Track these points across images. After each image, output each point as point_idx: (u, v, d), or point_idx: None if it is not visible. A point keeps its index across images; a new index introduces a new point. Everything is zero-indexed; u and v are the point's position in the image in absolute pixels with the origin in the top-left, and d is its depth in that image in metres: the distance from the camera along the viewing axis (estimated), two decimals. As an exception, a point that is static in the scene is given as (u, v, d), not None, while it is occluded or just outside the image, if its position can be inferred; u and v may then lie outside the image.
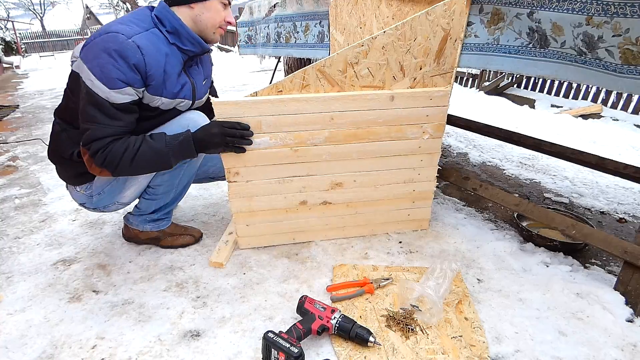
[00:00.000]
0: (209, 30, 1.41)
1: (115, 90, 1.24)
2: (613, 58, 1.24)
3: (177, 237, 1.72)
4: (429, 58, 1.50)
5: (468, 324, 1.31)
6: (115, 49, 1.21)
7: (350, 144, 1.56)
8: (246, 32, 3.53)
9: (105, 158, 1.28)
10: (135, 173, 1.41)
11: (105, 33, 1.24)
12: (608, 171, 2.10)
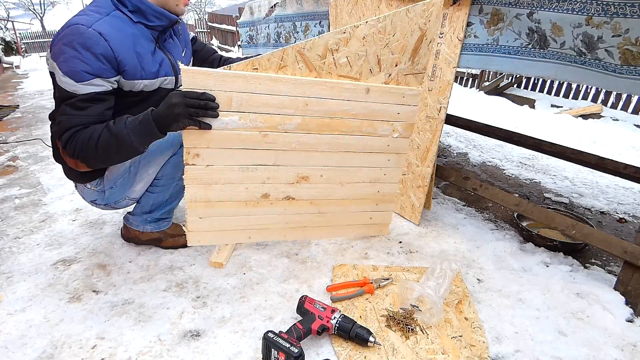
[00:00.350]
0: (171, 2, 1.36)
1: (82, 83, 1.20)
2: (613, 58, 1.24)
3: (179, 238, 1.69)
4: (404, 56, 1.48)
5: (468, 324, 1.31)
6: (78, 41, 1.17)
7: (321, 134, 1.51)
8: (247, 32, 3.53)
9: (74, 149, 1.24)
10: (108, 161, 1.33)
11: (67, 27, 1.20)
12: (608, 171, 2.10)
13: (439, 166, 1.98)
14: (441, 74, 1.75)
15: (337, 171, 1.61)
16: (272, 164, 1.50)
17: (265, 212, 1.59)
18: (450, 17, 1.66)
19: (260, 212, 1.58)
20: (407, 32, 1.45)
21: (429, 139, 1.85)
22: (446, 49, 1.71)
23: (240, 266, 1.61)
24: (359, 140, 1.57)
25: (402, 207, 2.01)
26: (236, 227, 1.59)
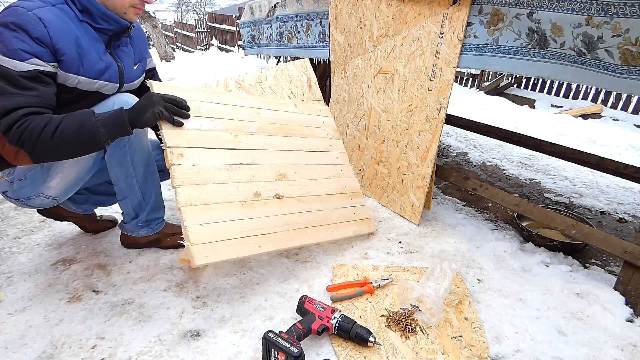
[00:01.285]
0: (119, 10, 1.29)
1: (21, 61, 1.13)
2: (613, 58, 1.24)
3: (178, 236, 1.66)
4: (304, 89, 2.01)
5: (468, 324, 1.31)
6: (12, 21, 1.11)
7: (279, 136, 1.73)
8: (249, 33, 3.53)
9: (21, 134, 1.11)
10: (59, 154, 1.20)
11: (6, 8, 1.15)
12: (608, 171, 2.10)
13: (439, 166, 1.98)
14: (441, 74, 1.75)
15: (305, 168, 1.77)
16: (251, 162, 1.59)
17: (263, 214, 1.54)
18: (450, 17, 1.66)
19: (259, 213, 1.53)
20: (299, 75, 2.03)
21: (429, 139, 1.85)
22: (446, 49, 1.71)
23: (241, 266, 1.61)
24: (308, 141, 1.84)
25: (402, 207, 2.02)
26: (242, 234, 1.43)
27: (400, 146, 2.00)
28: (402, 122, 1.98)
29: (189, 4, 25.81)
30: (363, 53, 2.17)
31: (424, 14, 1.78)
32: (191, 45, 14.53)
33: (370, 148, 2.20)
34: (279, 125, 1.75)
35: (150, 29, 9.57)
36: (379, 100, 2.11)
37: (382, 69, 2.06)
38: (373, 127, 2.17)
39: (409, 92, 1.92)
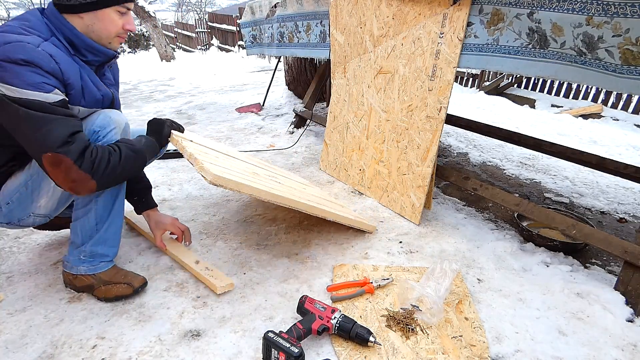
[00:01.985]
0: (104, 40, 1.28)
1: (48, 92, 1.11)
2: (613, 58, 1.24)
3: (113, 286, 1.41)
4: None
5: (468, 324, 1.31)
6: (23, 58, 1.07)
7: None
8: (250, 32, 3.53)
9: (94, 160, 1.15)
10: (118, 180, 1.29)
11: (4, 44, 1.07)
12: (608, 171, 2.10)
13: (439, 166, 1.98)
14: (441, 74, 1.75)
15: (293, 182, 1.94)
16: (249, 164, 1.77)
17: (265, 182, 1.56)
18: (450, 17, 1.66)
19: (261, 180, 1.58)
20: None
21: (429, 139, 1.85)
22: (446, 49, 1.71)
23: (241, 266, 1.61)
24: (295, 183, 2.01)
25: (402, 207, 2.02)
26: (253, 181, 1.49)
27: (400, 146, 2.00)
28: (402, 122, 1.98)
29: (189, 3, 25.80)
30: (363, 53, 2.17)
31: (424, 13, 1.78)
32: (191, 45, 14.53)
33: (370, 148, 2.20)
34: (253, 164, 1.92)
35: (150, 29, 9.57)
36: (379, 100, 2.11)
37: (382, 69, 2.06)
38: (373, 127, 2.17)
39: (409, 92, 1.92)
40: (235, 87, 5.83)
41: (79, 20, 1.22)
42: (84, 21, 1.22)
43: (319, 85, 3.33)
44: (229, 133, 3.44)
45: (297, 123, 3.42)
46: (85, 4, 1.19)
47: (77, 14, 1.21)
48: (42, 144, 1.10)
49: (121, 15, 1.27)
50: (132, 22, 1.32)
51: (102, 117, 1.30)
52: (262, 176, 1.68)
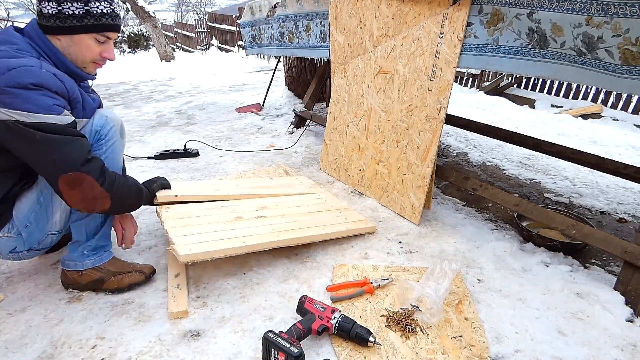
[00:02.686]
0: (79, 63, 1.27)
1: (61, 114, 1.14)
2: (613, 58, 1.24)
3: (125, 276, 1.45)
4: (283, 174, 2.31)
5: (468, 324, 1.31)
6: (32, 82, 1.08)
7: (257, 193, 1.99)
8: (250, 33, 3.53)
9: (114, 180, 1.24)
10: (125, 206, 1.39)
11: (8, 70, 1.07)
12: (608, 171, 2.10)
13: (439, 166, 1.98)
14: (441, 74, 1.75)
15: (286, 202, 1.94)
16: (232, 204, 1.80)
17: (246, 226, 1.64)
18: (450, 17, 1.66)
19: (241, 226, 1.64)
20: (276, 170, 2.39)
21: (429, 139, 1.85)
22: (446, 49, 1.71)
23: (240, 266, 1.61)
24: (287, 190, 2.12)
25: (402, 207, 2.02)
26: (226, 237, 1.52)
27: (400, 146, 2.00)
28: (402, 122, 1.98)
29: (189, 4, 25.80)
30: (363, 53, 2.17)
31: (424, 14, 1.78)
32: (191, 45, 14.53)
33: (370, 148, 2.20)
34: (256, 188, 2.06)
35: (150, 29, 9.57)
36: (379, 100, 2.11)
37: (382, 69, 2.06)
38: (373, 127, 2.17)
39: (409, 92, 1.92)
40: (235, 87, 5.83)
41: (57, 42, 1.22)
42: (62, 43, 1.23)
43: (319, 85, 3.33)
44: (229, 133, 3.44)
45: (297, 123, 3.42)
46: (62, 27, 1.19)
47: (55, 35, 1.21)
48: (61, 164, 1.13)
49: (99, 44, 1.26)
50: (112, 51, 1.31)
51: (98, 117, 1.35)
52: (245, 218, 1.70)
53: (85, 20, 1.20)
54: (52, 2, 1.17)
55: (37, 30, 1.21)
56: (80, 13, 1.19)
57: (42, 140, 1.10)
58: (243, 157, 2.86)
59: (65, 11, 1.17)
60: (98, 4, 1.20)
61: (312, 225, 1.74)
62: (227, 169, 2.63)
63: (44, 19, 1.19)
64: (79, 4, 1.18)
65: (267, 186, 2.11)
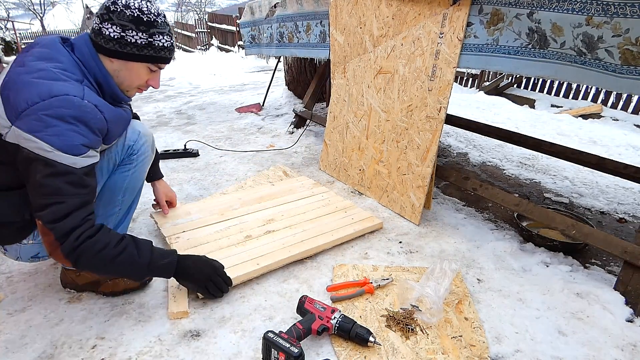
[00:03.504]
0: (123, 87, 1.25)
1: (80, 156, 1.07)
2: (613, 58, 1.24)
3: (120, 280, 1.43)
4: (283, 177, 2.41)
5: (468, 324, 1.31)
6: (71, 114, 1.04)
7: (261, 203, 2.03)
8: (250, 33, 3.53)
9: (80, 253, 1.07)
10: (107, 273, 1.28)
11: (52, 96, 1.03)
12: (608, 171, 2.10)
13: (439, 166, 1.98)
14: (441, 74, 1.75)
15: (291, 210, 1.96)
16: (239, 223, 1.83)
17: (256, 245, 1.66)
18: (450, 17, 1.66)
19: (252, 246, 1.66)
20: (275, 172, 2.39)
21: (429, 139, 1.85)
22: (446, 49, 1.71)
23: (240, 266, 1.61)
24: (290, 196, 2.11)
25: (402, 207, 2.02)
26: (238, 261, 1.54)
27: (400, 146, 2.00)
28: (402, 122, 1.98)
29: (189, 4, 25.80)
30: (363, 53, 2.17)
31: (424, 14, 1.78)
32: (191, 45, 14.53)
33: (370, 148, 2.20)
34: (260, 197, 2.08)
35: (150, 29, 9.54)
36: (379, 100, 2.11)
37: (382, 69, 2.06)
38: (373, 127, 2.17)
39: (409, 92, 1.92)
40: (235, 87, 5.83)
41: (109, 63, 1.19)
42: (113, 65, 1.19)
43: (319, 85, 3.33)
44: (229, 133, 3.44)
45: (297, 123, 3.42)
46: (120, 53, 1.16)
47: (108, 57, 1.18)
48: (38, 209, 1.06)
49: (150, 72, 1.25)
50: (158, 80, 1.29)
51: (131, 132, 1.41)
52: (255, 236, 1.72)
53: (145, 50, 1.18)
54: (115, 27, 1.13)
55: (90, 48, 1.17)
56: (142, 43, 1.16)
57: (42, 179, 1.03)
58: (243, 157, 2.85)
59: (127, 38, 1.14)
60: (161, 37, 1.19)
61: (320, 232, 1.76)
62: (227, 169, 2.63)
63: (103, 39, 1.15)
64: (143, 35, 1.16)
65: (270, 194, 2.11)
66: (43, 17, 25.59)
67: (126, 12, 1.13)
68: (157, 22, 1.18)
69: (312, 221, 1.85)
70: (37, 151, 1.02)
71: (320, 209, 1.97)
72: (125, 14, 1.13)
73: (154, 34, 1.17)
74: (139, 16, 1.14)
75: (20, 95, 1.03)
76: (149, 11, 1.16)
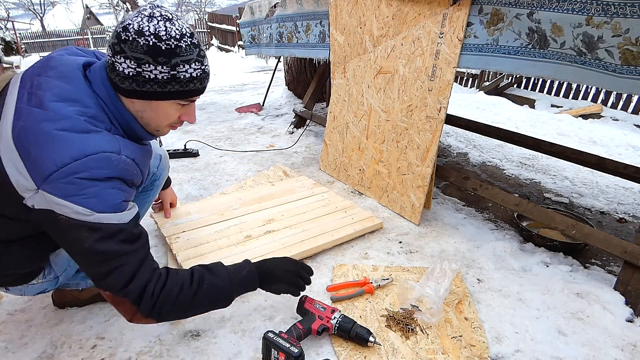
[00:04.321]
0: (151, 127, 1.06)
1: (123, 212, 0.94)
2: (613, 58, 1.24)
3: None
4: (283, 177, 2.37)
5: (468, 324, 1.31)
6: (110, 175, 0.91)
7: (261, 203, 2.03)
8: (249, 33, 3.53)
9: (154, 303, 0.96)
10: (188, 314, 1.08)
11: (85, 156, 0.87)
12: (608, 171, 2.10)
13: (439, 166, 1.98)
14: (441, 74, 1.75)
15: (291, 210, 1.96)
16: (239, 223, 1.83)
17: (256, 245, 1.67)
18: (450, 17, 1.66)
19: (252, 246, 1.66)
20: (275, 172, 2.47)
21: (429, 139, 1.85)
22: (446, 49, 1.71)
23: (240, 266, 1.61)
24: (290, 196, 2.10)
25: (402, 207, 2.02)
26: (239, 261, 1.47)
27: (400, 146, 2.00)
28: (402, 122, 1.98)
29: (189, 4, 25.81)
30: (363, 53, 2.17)
31: (424, 14, 1.78)
32: (191, 45, 14.50)
33: (370, 148, 2.20)
34: (259, 197, 2.08)
35: (150, 29, 9.55)
36: (379, 100, 2.11)
37: (382, 69, 2.06)
38: (373, 127, 2.17)
39: (409, 92, 1.92)
40: (235, 87, 5.83)
41: (130, 104, 1.00)
42: (135, 106, 1.00)
43: (319, 85, 3.33)
44: (229, 133, 3.44)
45: (297, 123, 3.42)
46: (140, 92, 0.96)
47: (128, 98, 0.98)
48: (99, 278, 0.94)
49: (181, 107, 1.03)
50: (193, 114, 1.07)
51: (154, 158, 1.39)
52: (255, 236, 1.73)
53: (169, 86, 0.95)
54: (129, 61, 0.91)
55: (108, 88, 0.97)
56: (165, 78, 0.94)
57: (92, 248, 0.90)
58: (243, 157, 2.85)
59: (145, 74, 0.92)
60: (187, 67, 0.95)
61: (320, 232, 1.76)
62: (227, 169, 2.63)
63: (118, 77, 0.94)
64: (164, 68, 0.92)
65: (270, 194, 2.11)
66: (43, 17, 25.58)
67: (139, 40, 0.90)
68: (180, 47, 0.93)
69: (312, 221, 1.86)
70: (76, 216, 0.87)
71: (320, 209, 1.97)
72: (139, 44, 0.90)
73: (177, 65, 0.93)
74: (156, 44, 0.90)
75: (45, 154, 0.86)
76: (167, 35, 0.91)
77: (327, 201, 2.05)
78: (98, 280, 0.94)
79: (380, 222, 1.88)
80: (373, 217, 1.91)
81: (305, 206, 2.00)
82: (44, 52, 15.18)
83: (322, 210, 1.96)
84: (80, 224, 0.88)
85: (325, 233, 1.75)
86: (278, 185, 2.25)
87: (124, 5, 10.87)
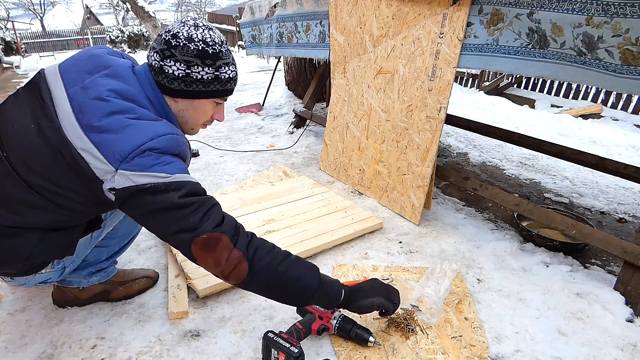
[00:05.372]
0: (188, 125, 1.17)
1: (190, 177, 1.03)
2: (613, 58, 1.24)
3: (132, 283, 1.43)
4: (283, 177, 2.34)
5: (468, 324, 1.31)
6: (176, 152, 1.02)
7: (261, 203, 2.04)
8: (250, 33, 3.53)
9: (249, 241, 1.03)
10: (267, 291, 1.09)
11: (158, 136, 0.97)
12: (608, 171, 2.10)
13: (439, 166, 1.98)
14: (441, 74, 1.75)
15: (291, 210, 1.97)
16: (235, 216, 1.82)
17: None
18: (450, 17, 1.66)
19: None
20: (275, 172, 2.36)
21: (429, 139, 1.85)
22: (446, 49, 1.71)
23: (240, 266, 1.61)
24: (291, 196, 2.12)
25: (402, 207, 2.02)
26: None
27: (400, 146, 2.00)
28: (402, 122, 1.98)
29: (189, 3, 25.82)
30: (363, 53, 2.17)
31: (424, 14, 1.78)
32: (191, 45, 14.52)
33: (370, 148, 2.20)
34: (259, 197, 2.10)
35: (150, 29, 9.56)
36: (379, 100, 2.11)
37: (382, 69, 2.06)
38: (373, 127, 2.17)
39: (409, 92, 1.92)
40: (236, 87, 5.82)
41: (174, 104, 1.10)
42: (178, 105, 1.11)
43: (319, 85, 3.33)
44: (229, 133, 3.44)
45: (297, 123, 3.42)
46: (187, 92, 1.07)
47: (172, 97, 1.09)
48: (194, 227, 0.98)
49: (216, 105, 1.16)
50: (222, 112, 1.21)
51: None
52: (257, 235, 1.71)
53: (211, 85, 1.08)
54: (180, 64, 1.02)
55: (155, 89, 1.07)
56: (209, 79, 1.06)
57: (183, 202, 0.97)
58: (243, 157, 2.85)
59: (193, 75, 1.04)
60: (227, 69, 1.09)
61: (320, 232, 1.76)
62: (227, 169, 2.63)
63: (166, 79, 1.04)
64: (210, 69, 1.05)
65: (270, 194, 2.12)
66: (43, 17, 25.59)
67: (190, 45, 1.01)
68: (222, 52, 1.07)
69: (312, 221, 1.86)
70: (159, 180, 0.95)
71: (320, 209, 1.97)
72: (190, 49, 1.01)
73: (220, 67, 1.07)
74: (204, 49, 1.03)
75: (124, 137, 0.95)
76: (213, 41, 1.04)
77: (327, 201, 2.05)
78: (191, 230, 0.97)
79: (380, 222, 1.88)
80: (373, 217, 1.91)
81: (305, 206, 2.01)
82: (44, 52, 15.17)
83: (322, 210, 1.96)
84: (165, 186, 0.96)
85: (325, 233, 1.75)
86: (278, 185, 2.25)
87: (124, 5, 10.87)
